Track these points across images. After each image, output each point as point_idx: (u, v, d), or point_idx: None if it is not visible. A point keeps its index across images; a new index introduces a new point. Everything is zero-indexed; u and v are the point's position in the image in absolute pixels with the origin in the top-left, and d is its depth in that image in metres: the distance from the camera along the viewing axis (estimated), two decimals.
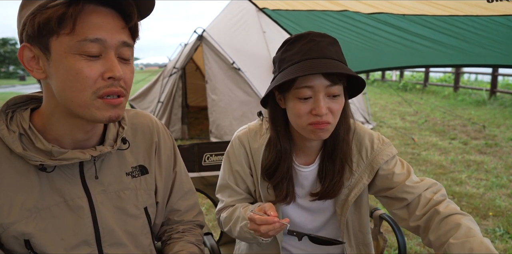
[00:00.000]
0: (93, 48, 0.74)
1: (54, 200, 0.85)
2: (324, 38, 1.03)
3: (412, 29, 1.99)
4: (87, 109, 0.77)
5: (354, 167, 1.13)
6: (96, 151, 0.86)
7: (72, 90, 0.76)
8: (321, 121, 0.99)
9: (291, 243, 1.28)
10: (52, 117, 0.83)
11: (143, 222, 0.97)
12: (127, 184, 0.94)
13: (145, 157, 1.00)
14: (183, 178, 1.10)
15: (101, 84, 0.76)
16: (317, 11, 2.26)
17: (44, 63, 0.77)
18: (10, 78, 38.81)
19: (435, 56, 2.24)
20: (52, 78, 0.77)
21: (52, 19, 0.72)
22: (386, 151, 1.12)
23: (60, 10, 0.72)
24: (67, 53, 0.74)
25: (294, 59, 1.00)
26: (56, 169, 0.85)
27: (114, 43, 0.77)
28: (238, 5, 6.42)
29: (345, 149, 1.11)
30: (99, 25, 0.75)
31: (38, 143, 0.82)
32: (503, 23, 1.61)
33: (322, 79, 0.98)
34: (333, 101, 1.01)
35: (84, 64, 0.74)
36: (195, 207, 1.12)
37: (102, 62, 0.76)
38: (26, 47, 0.76)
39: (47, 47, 0.75)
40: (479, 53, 1.94)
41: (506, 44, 1.75)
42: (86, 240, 0.87)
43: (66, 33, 0.73)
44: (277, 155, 1.11)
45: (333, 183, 1.11)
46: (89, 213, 0.88)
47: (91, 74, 0.75)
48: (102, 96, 0.77)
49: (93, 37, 0.74)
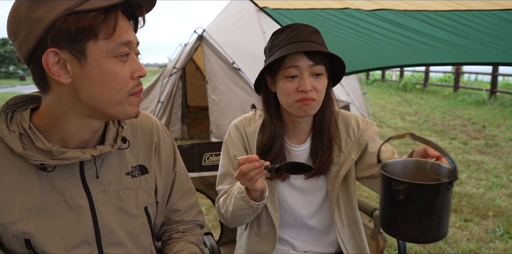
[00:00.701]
0: (125, 50, 0.79)
1: (55, 200, 0.85)
2: (307, 27, 1.18)
3: (413, 26, 1.99)
4: (120, 107, 0.82)
5: (343, 145, 1.27)
6: (96, 150, 0.87)
7: (110, 92, 0.79)
8: (306, 98, 1.13)
9: (288, 234, 1.33)
10: (62, 118, 0.83)
11: (143, 222, 0.97)
12: (127, 184, 0.95)
13: (145, 157, 1.00)
14: (183, 178, 1.10)
15: (133, 84, 0.82)
16: (318, 10, 2.26)
17: (75, 68, 0.77)
18: (10, 78, 38.84)
19: (435, 55, 2.24)
20: (83, 82, 0.78)
21: (94, 24, 0.74)
22: (370, 129, 1.27)
23: (101, 16, 0.74)
24: (105, 57, 0.77)
25: (282, 44, 1.15)
26: (57, 168, 0.85)
27: (135, 44, 0.83)
28: (238, 5, 6.42)
29: (332, 128, 1.26)
30: (126, 29, 0.80)
31: (38, 142, 0.82)
32: (505, 18, 1.60)
33: (306, 60, 1.13)
34: (316, 80, 1.15)
35: (120, 66, 0.79)
36: (195, 206, 1.12)
37: (129, 63, 0.81)
38: (53, 52, 0.74)
39: (82, 51, 0.75)
40: (479, 51, 1.94)
41: (507, 40, 1.75)
42: (86, 239, 0.87)
43: (104, 37, 0.76)
44: (271, 134, 1.24)
45: (324, 159, 1.24)
46: (89, 213, 0.88)
47: (126, 75, 0.81)
48: (134, 94, 0.83)
49: (125, 40, 0.79)
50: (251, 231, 1.35)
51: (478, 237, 2.85)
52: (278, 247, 1.34)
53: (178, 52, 6.51)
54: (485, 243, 2.77)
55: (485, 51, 1.91)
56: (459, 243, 2.76)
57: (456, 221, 3.13)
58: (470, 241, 2.80)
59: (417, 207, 0.80)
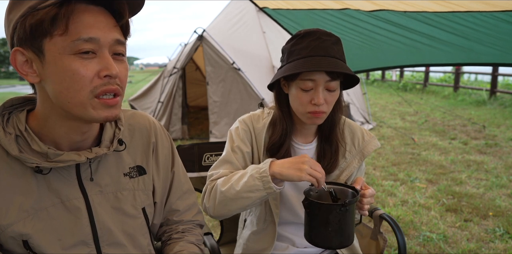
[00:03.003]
0: (87, 47, 0.74)
1: (51, 201, 0.85)
2: (330, 37, 1.17)
3: (413, 27, 1.99)
4: (84, 110, 0.77)
5: (346, 152, 1.33)
6: (91, 153, 0.86)
7: (69, 91, 0.75)
8: (318, 111, 1.17)
9: (288, 230, 1.35)
10: (49, 120, 0.82)
11: (141, 222, 0.97)
12: (124, 185, 0.94)
13: (143, 157, 1.00)
14: (181, 178, 1.09)
15: (97, 83, 0.76)
16: (318, 10, 2.26)
17: (38, 66, 0.76)
18: (10, 78, 38.83)
19: (435, 55, 2.24)
20: (47, 81, 0.76)
21: (45, 20, 0.71)
22: (374, 142, 1.35)
23: (52, 11, 0.71)
24: (61, 54, 0.73)
25: (302, 54, 1.15)
26: (53, 170, 0.85)
27: (108, 41, 0.77)
28: (238, 5, 6.42)
29: (339, 132, 1.31)
30: (91, 24, 0.74)
31: (34, 145, 0.81)
32: (504, 19, 1.60)
33: (324, 75, 1.14)
34: (329, 94, 1.17)
35: (79, 64, 0.74)
36: (194, 206, 1.12)
37: (97, 61, 0.76)
38: (18, 51, 0.75)
39: (40, 49, 0.74)
40: (479, 51, 1.94)
41: (506, 41, 1.75)
42: (84, 240, 0.87)
43: (59, 34, 0.72)
44: (282, 132, 1.26)
45: (332, 161, 1.30)
46: (86, 214, 0.88)
47: (87, 73, 0.75)
48: (98, 96, 0.77)
49: (87, 36, 0.73)
50: (249, 229, 1.36)
51: (478, 237, 2.85)
52: (278, 244, 1.35)
53: (178, 52, 6.52)
54: (485, 243, 2.77)
55: (485, 51, 1.91)
56: (459, 243, 2.76)
57: (456, 221, 3.13)
58: (470, 241, 2.80)
59: (318, 220, 1.06)
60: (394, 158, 5.04)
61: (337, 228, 1.04)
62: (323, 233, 1.06)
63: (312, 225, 1.08)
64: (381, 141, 5.93)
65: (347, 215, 1.05)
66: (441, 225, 3.04)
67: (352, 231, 1.09)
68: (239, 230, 1.45)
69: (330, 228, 1.04)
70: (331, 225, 1.04)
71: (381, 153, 5.27)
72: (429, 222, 3.11)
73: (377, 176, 4.32)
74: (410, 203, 3.50)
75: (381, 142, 5.87)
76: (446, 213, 3.29)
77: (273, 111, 1.30)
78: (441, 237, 2.84)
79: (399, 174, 4.38)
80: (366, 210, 1.15)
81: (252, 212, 1.37)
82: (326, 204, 1.05)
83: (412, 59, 2.45)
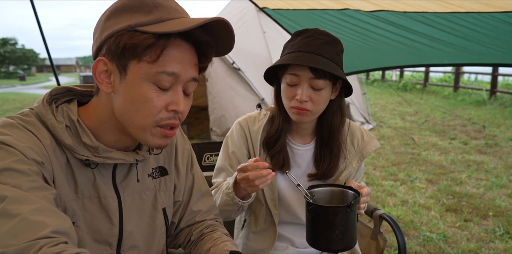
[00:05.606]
0: (167, 81, 0.77)
1: (90, 193, 0.84)
2: (325, 37, 1.15)
3: (413, 27, 1.99)
4: (142, 133, 0.80)
5: (346, 153, 1.32)
6: (139, 155, 0.88)
7: (137, 114, 0.78)
8: (300, 107, 1.16)
9: (287, 230, 1.35)
10: (103, 125, 0.83)
11: (160, 223, 0.98)
12: (147, 185, 0.95)
13: (165, 158, 1.01)
14: (200, 180, 1.11)
15: (164, 116, 0.79)
16: (318, 10, 2.26)
17: (116, 80, 0.78)
18: (10, 78, 38.84)
19: (435, 55, 2.24)
20: (118, 96, 0.79)
21: (140, 46, 0.73)
22: (373, 142, 1.34)
23: (150, 40, 0.73)
24: (142, 79, 0.76)
25: (291, 50, 1.16)
26: (98, 166, 0.84)
27: (186, 78, 0.80)
28: (238, 5, 6.42)
29: (341, 139, 1.29)
30: (178, 60, 0.77)
31: (84, 137, 0.81)
32: (504, 20, 1.60)
33: (307, 72, 1.13)
34: (315, 93, 1.16)
35: (154, 94, 0.77)
36: (214, 207, 1.13)
37: (170, 94, 0.79)
38: (102, 61, 0.77)
39: (125, 68, 0.76)
40: (479, 52, 1.94)
41: (506, 42, 1.75)
42: (108, 240, 0.87)
43: (148, 61, 0.75)
44: (279, 127, 1.26)
45: (331, 166, 1.28)
46: (117, 214, 0.87)
47: (158, 104, 0.78)
48: (162, 126, 0.80)
49: (170, 71, 0.76)
50: (249, 229, 1.35)
51: (478, 237, 2.85)
52: (277, 244, 1.35)
53: None
54: (485, 243, 2.77)
55: (484, 52, 1.91)
56: (459, 243, 2.76)
57: (456, 221, 3.13)
58: (470, 241, 2.81)
59: (323, 224, 1.05)
60: (394, 158, 5.05)
61: (343, 230, 1.05)
62: (329, 236, 1.06)
63: (316, 229, 1.07)
64: (381, 141, 5.93)
65: (351, 216, 1.05)
66: (441, 225, 3.05)
67: (355, 232, 1.09)
68: (236, 230, 1.45)
69: (336, 231, 1.04)
70: (337, 227, 1.04)
71: (381, 153, 5.28)
72: (429, 222, 3.11)
73: (377, 176, 4.32)
74: (410, 203, 3.51)
75: (381, 142, 5.87)
76: (446, 213, 3.29)
77: (273, 108, 1.32)
78: (441, 237, 2.84)
79: (399, 174, 4.38)
80: (362, 209, 1.15)
81: (252, 212, 1.37)
82: (332, 207, 1.05)
83: (412, 60, 2.45)
